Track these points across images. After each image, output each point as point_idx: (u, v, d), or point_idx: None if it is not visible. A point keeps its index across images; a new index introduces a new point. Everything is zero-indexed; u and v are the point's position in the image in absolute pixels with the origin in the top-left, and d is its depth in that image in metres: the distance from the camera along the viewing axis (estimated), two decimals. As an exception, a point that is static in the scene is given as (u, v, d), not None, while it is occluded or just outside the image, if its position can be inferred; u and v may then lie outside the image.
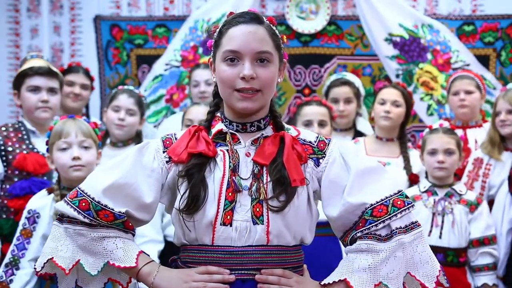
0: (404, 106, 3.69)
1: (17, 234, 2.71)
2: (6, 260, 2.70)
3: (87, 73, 4.15)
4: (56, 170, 2.81)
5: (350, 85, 4.08)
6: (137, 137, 3.69)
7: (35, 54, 3.68)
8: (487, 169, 3.61)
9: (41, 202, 2.71)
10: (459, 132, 3.84)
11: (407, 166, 3.57)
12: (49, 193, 2.74)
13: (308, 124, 3.48)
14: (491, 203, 3.50)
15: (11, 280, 2.65)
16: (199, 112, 3.36)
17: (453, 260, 3.20)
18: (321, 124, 3.49)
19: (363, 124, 4.21)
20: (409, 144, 3.79)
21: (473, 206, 3.27)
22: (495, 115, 3.62)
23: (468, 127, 3.93)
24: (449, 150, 3.28)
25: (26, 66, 3.37)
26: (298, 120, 3.52)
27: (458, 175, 3.49)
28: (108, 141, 3.70)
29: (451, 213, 3.23)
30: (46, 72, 3.29)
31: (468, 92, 3.87)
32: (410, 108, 3.77)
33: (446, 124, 3.48)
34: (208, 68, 4.03)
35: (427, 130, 3.43)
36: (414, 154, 3.64)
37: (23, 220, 2.71)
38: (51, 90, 3.30)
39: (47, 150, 2.80)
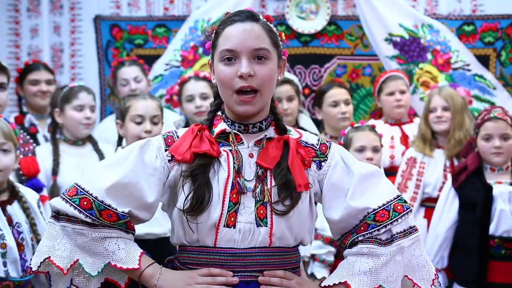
0: (351, 102, 3.94)
1: None
2: None
3: (47, 68, 4.08)
4: None
5: (290, 83, 4.11)
6: (89, 135, 3.60)
7: None
8: (421, 167, 3.71)
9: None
10: (396, 129, 4.02)
11: None
12: None
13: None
14: (427, 200, 3.65)
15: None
16: (148, 106, 3.24)
17: None
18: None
19: (305, 121, 4.26)
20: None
21: None
22: (428, 111, 3.72)
23: (402, 123, 4.09)
24: (376, 147, 3.32)
25: None
26: None
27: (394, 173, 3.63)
28: (58, 136, 3.55)
29: None
30: None
31: (402, 92, 4.06)
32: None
33: (368, 122, 3.61)
34: (134, 64, 3.84)
35: (350, 128, 3.43)
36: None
37: None
38: (0, 86, 3.17)
39: None
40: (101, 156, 3.49)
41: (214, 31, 1.83)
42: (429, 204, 3.66)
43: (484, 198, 3.18)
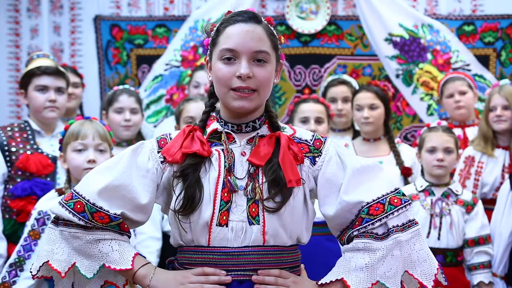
0: (381, 106, 3.69)
1: (25, 235, 2.68)
2: (11, 260, 2.68)
3: (75, 71, 4.15)
4: (67, 171, 2.77)
5: (347, 84, 4.11)
6: (139, 135, 3.70)
7: (41, 53, 3.68)
8: (479, 167, 3.62)
9: (52, 204, 2.64)
10: (458, 131, 3.88)
11: (399, 161, 3.58)
12: (59, 194, 2.70)
13: (305, 121, 3.48)
14: (484, 201, 3.51)
15: (14, 282, 2.63)
16: (199, 108, 3.30)
17: (451, 260, 3.20)
18: (318, 121, 3.49)
19: None
20: (398, 139, 3.79)
21: (469, 207, 3.26)
22: (488, 110, 3.63)
23: (466, 126, 3.97)
24: (448, 148, 3.27)
25: (32, 65, 3.36)
26: (295, 117, 3.53)
27: (452, 174, 3.49)
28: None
29: (449, 215, 3.22)
30: (54, 72, 3.29)
31: (462, 93, 3.95)
32: (389, 104, 3.76)
33: (444, 123, 3.49)
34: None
35: (425, 128, 3.43)
36: (403, 148, 3.66)
37: (32, 221, 2.68)
38: (59, 90, 3.30)
39: (60, 149, 2.77)
40: None
41: (215, 29, 1.83)
42: (484, 206, 3.48)
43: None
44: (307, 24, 4.81)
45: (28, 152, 3.13)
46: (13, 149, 3.14)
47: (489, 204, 3.45)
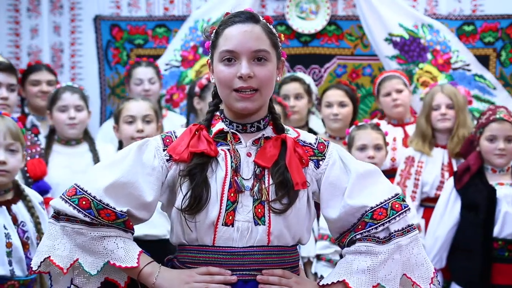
0: (350, 104, 3.81)
1: None
2: None
3: (49, 69, 4.08)
4: None
5: (299, 81, 4.13)
6: (87, 135, 3.57)
7: None
8: (419, 166, 3.68)
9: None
10: (399, 130, 3.98)
11: None
12: None
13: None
14: (426, 200, 3.62)
15: None
16: (140, 107, 3.26)
17: None
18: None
19: (315, 122, 4.27)
20: None
21: None
22: (430, 109, 3.66)
23: (405, 124, 4.05)
24: (378, 145, 3.29)
25: None
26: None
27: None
28: (55, 137, 3.54)
29: None
30: (7, 68, 3.21)
31: (399, 91, 4.02)
32: (357, 104, 3.90)
33: (374, 121, 3.58)
34: (150, 65, 3.93)
35: (353, 126, 3.43)
36: None
37: None
38: (10, 87, 3.21)
39: None
40: (95, 156, 3.47)
41: (214, 31, 1.84)
42: (427, 204, 3.65)
43: (487, 200, 3.16)
44: (307, 24, 4.81)
45: None
46: None
47: (432, 202, 3.52)
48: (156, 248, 2.63)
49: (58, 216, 1.80)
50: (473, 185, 3.22)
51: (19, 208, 2.53)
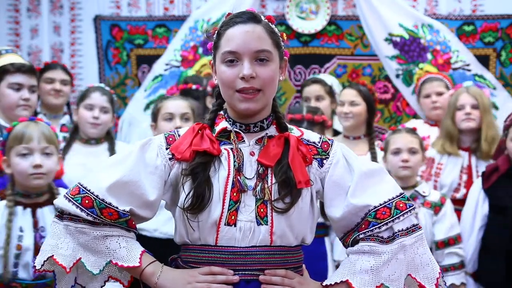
0: (363, 104, 3.76)
1: None
2: None
3: (65, 69, 4.14)
4: (11, 175, 2.63)
5: (320, 83, 4.13)
6: (108, 135, 3.63)
7: (10, 48, 3.64)
8: (438, 168, 3.66)
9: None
10: (435, 130, 3.96)
11: (374, 161, 3.58)
12: (1, 198, 2.59)
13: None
14: None
15: None
16: (178, 105, 3.33)
17: None
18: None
19: (339, 124, 4.20)
20: (380, 143, 3.81)
21: (437, 208, 3.26)
22: (455, 109, 3.65)
23: None
24: (412, 149, 3.28)
25: (3, 61, 3.32)
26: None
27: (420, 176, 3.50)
28: (77, 135, 3.61)
29: (416, 218, 3.21)
30: (28, 70, 3.27)
31: (439, 94, 4.03)
32: (373, 104, 3.83)
33: (408, 124, 3.55)
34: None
35: (389, 131, 3.45)
36: (382, 152, 3.68)
37: None
38: (32, 88, 3.27)
39: (3, 152, 2.65)
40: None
41: (216, 32, 1.83)
42: None
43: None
44: (307, 24, 4.81)
45: None
46: None
47: None
48: (164, 246, 2.64)
49: (61, 215, 1.80)
50: (502, 187, 3.18)
51: (44, 212, 2.56)
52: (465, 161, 3.64)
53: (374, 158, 3.60)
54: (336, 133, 4.07)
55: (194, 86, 4.08)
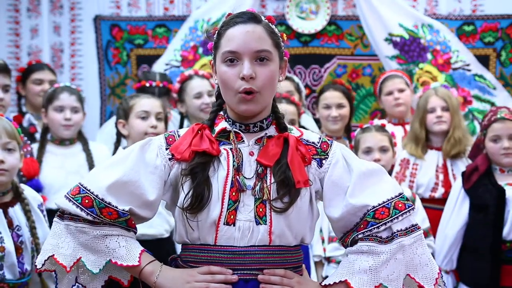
0: (348, 105, 3.87)
1: None
2: None
3: (50, 69, 4.13)
4: None
5: (289, 79, 4.14)
6: (80, 135, 3.58)
7: None
8: (414, 168, 3.69)
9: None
10: (399, 129, 3.99)
11: None
12: None
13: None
14: (422, 200, 3.56)
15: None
16: (153, 104, 3.25)
17: None
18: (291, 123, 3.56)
19: (306, 120, 4.25)
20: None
21: None
22: (425, 112, 3.67)
23: (406, 123, 4.05)
24: (383, 147, 3.30)
25: None
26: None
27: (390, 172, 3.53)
28: (48, 137, 3.56)
29: None
30: (1, 69, 3.24)
31: (401, 90, 4.07)
32: (353, 103, 3.95)
33: (377, 122, 3.55)
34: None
35: (358, 129, 3.44)
36: None
37: None
38: (5, 88, 3.23)
39: None
40: (89, 156, 3.48)
41: (217, 32, 1.84)
42: (423, 204, 3.62)
43: (496, 201, 3.13)
44: (307, 24, 4.81)
45: None
46: None
47: (427, 202, 3.54)
48: (153, 248, 2.65)
49: (62, 215, 1.81)
50: (482, 185, 3.19)
51: (15, 211, 2.52)
52: (440, 160, 3.67)
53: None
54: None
55: (147, 84, 4.00)
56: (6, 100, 3.23)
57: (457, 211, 3.27)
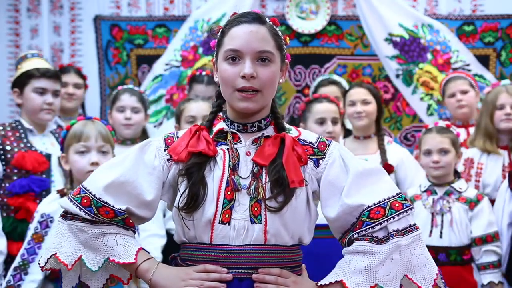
0: (374, 102, 3.74)
1: (28, 238, 2.70)
2: (15, 263, 2.70)
3: (78, 72, 4.20)
4: (69, 172, 2.77)
5: (337, 84, 4.14)
6: (144, 134, 3.74)
7: (36, 52, 3.69)
8: (479, 168, 3.61)
9: (54, 206, 2.65)
10: (462, 131, 3.86)
11: (383, 158, 3.58)
12: (61, 195, 2.70)
13: (322, 122, 3.42)
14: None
15: (19, 285, 2.64)
16: (199, 108, 3.40)
17: (456, 258, 3.18)
18: (334, 121, 3.44)
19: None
20: (389, 139, 3.80)
21: (472, 203, 3.23)
22: (494, 109, 3.60)
23: (470, 125, 3.95)
24: (443, 149, 3.27)
25: (28, 65, 3.39)
26: (309, 118, 3.46)
27: (459, 173, 3.44)
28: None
29: (449, 212, 3.21)
30: (53, 75, 3.37)
31: (464, 92, 3.95)
32: (381, 103, 3.81)
33: (442, 123, 3.48)
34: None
35: (423, 130, 3.43)
36: (392, 148, 3.67)
37: (35, 224, 2.69)
38: (55, 92, 3.37)
39: (61, 149, 2.78)
40: None
41: (221, 30, 1.86)
42: None
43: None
44: (307, 24, 4.81)
45: (23, 150, 3.18)
46: (8, 148, 3.18)
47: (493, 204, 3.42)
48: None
49: (66, 215, 1.85)
50: None
51: None
52: (506, 159, 3.59)
53: (383, 156, 3.59)
54: (349, 132, 4.01)
55: (197, 72, 4.09)
56: (56, 104, 3.37)
57: (506, 212, 3.23)
